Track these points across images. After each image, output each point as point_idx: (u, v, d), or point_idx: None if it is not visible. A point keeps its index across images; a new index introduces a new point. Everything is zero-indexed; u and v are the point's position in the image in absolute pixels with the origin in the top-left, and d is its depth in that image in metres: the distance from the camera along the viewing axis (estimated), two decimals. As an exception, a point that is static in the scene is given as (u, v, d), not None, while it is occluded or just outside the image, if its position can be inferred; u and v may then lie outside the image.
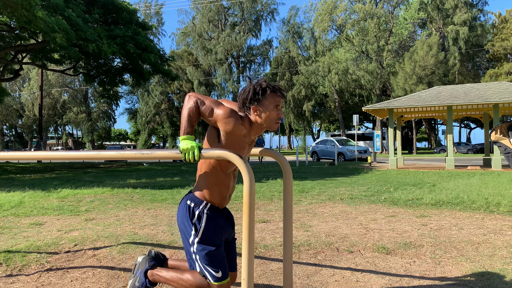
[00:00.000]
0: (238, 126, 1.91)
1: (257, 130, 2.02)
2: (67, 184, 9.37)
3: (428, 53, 33.32)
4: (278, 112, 1.99)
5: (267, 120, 1.98)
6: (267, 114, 1.97)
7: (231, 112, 1.89)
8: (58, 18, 12.89)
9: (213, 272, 1.94)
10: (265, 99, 1.98)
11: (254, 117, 1.99)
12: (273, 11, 49.20)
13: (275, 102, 1.98)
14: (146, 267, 2.26)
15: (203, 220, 1.97)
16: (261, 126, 2.00)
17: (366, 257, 3.22)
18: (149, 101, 47.75)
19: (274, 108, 1.98)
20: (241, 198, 6.56)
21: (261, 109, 1.97)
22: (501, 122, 6.09)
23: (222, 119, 1.88)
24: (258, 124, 1.99)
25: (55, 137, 69.20)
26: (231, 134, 1.92)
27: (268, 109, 1.97)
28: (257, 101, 1.97)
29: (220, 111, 1.89)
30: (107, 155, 2.10)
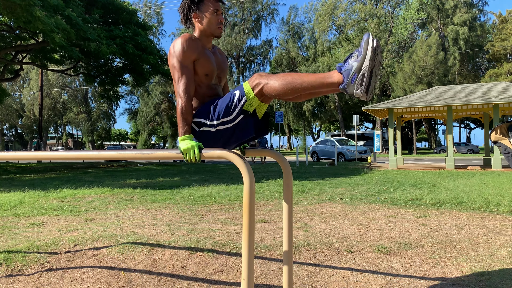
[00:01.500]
0: (192, 42, 1.96)
1: (205, 39, 2.07)
2: (67, 184, 9.37)
3: (428, 53, 33.32)
4: (218, 17, 2.04)
5: (208, 24, 2.03)
6: (207, 19, 2.03)
7: (178, 42, 1.94)
8: (57, 18, 12.90)
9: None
10: (203, 4, 2.04)
11: (196, 25, 2.06)
12: (273, 11, 49.23)
13: (214, 6, 2.04)
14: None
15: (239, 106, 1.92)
16: (205, 33, 2.06)
17: (366, 257, 3.22)
18: (149, 101, 47.76)
19: (214, 12, 2.03)
20: (241, 198, 6.57)
21: (201, 15, 2.03)
22: (501, 122, 6.08)
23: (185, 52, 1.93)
24: (202, 31, 2.05)
25: (55, 137, 69.22)
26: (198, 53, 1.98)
27: (207, 14, 2.02)
28: (197, 8, 2.04)
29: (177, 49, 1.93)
30: (107, 155, 2.10)
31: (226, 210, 5.47)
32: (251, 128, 1.94)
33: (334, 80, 1.78)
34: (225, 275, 2.85)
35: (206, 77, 2.04)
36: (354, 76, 1.74)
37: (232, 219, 4.76)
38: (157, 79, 43.08)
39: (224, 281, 2.74)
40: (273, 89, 1.82)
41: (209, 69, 2.04)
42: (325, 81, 1.78)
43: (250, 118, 1.94)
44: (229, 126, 1.93)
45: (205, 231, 4.05)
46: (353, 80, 1.75)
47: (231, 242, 3.60)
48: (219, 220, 4.70)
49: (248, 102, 1.88)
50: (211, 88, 2.08)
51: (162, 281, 2.74)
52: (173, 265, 3.04)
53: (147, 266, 3.03)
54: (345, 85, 1.76)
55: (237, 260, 3.13)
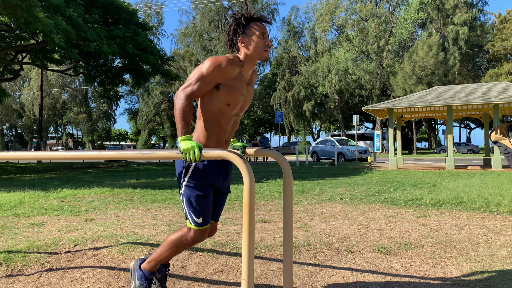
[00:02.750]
0: (231, 64, 1.91)
1: (249, 64, 2.01)
2: (67, 184, 9.37)
3: (428, 53, 33.32)
4: (265, 40, 1.98)
5: (255, 49, 1.96)
6: (254, 43, 1.96)
7: (215, 58, 1.90)
8: (57, 18, 12.90)
9: (194, 216, 1.97)
10: (248, 28, 1.97)
11: (242, 49, 1.98)
12: (273, 11, 49.21)
13: (260, 29, 1.97)
14: (138, 263, 2.29)
15: (193, 164, 1.97)
16: (252, 57, 1.99)
17: (366, 257, 3.22)
18: (149, 101, 47.77)
19: (260, 35, 1.97)
20: (241, 198, 6.56)
21: (247, 39, 1.96)
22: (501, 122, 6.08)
23: (215, 68, 1.88)
24: (248, 56, 1.98)
25: (55, 137, 69.23)
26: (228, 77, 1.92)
27: (254, 37, 1.96)
28: (242, 32, 1.97)
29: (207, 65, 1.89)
30: (107, 155, 2.10)
31: (226, 210, 5.48)
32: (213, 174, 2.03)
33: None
34: (225, 275, 2.85)
35: (228, 107, 1.98)
36: None
37: (232, 219, 4.76)
38: (157, 79, 43.10)
39: (224, 281, 2.74)
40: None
41: (234, 100, 1.98)
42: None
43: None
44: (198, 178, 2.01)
45: (205, 231, 4.04)
46: None
47: (231, 242, 3.60)
48: (219, 220, 4.70)
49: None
50: (228, 120, 2.02)
51: (162, 281, 2.74)
52: (173, 265, 3.04)
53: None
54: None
55: (237, 260, 3.13)
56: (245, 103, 2.09)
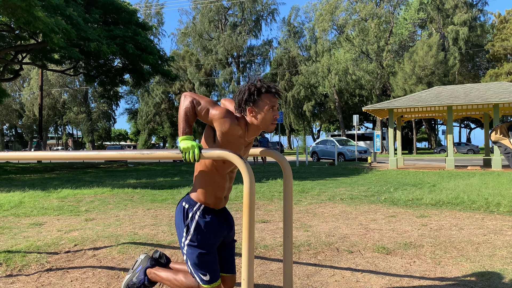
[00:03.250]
0: (233, 126, 1.89)
1: (253, 131, 2.00)
2: (67, 184, 9.37)
3: (428, 53, 33.33)
4: (274, 113, 1.96)
5: (263, 121, 1.95)
6: (262, 115, 1.94)
7: (226, 112, 1.87)
8: (57, 18, 12.90)
9: (201, 275, 1.94)
10: (260, 99, 1.94)
11: (250, 118, 1.96)
12: (273, 11, 49.24)
13: (271, 102, 1.95)
14: (147, 265, 2.28)
15: (194, 222, 1.96)
16: (258, 127, 1.97)
17: (366, 257, 3.22)
18: (149, 101, 47.77)
19: (270, 109, 1.94)
20: (241, 198, 6.56)
21: (257, 110, 1.94)
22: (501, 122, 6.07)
23: (218, 119, 1.87)
24: (254, 125, 1.97)
25: (55, 137, 69.22)
26: (226, 134, 1.90)
27: (264, 110, 1.93)
28: (253, 102, 1.94)
29: (215, 111, 1.87)
30: (107, 155, 2.10)
31: (226, 210, 5.47)
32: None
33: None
34: (225, 275, 2.84)
35: (223, 164, 1.95)
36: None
37: (232, 219, 4.76)
38: (157, 79, 43.08)
39: (224, 281, 2.73)
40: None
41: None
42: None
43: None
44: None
45: (205, 231, 4.04)
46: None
47: (231, 242, 3.60)
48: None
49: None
50: (223, 177, 2.00)
51: (162, 281, 2.74)
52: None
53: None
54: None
55: (237, 260, 3.13)
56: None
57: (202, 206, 1.99)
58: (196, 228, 1.96)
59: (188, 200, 2.02)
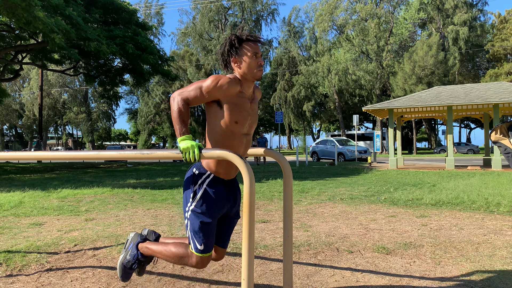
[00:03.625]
0: (231, 83, 1.93)
1: (246, 83, 2.03)
2: (67, 184, 9.37)
3: (428, 53, 33.33)
4: (258, 60, 2.00)
5: (248, 69, 1.99)
6: (247, 63, 1.98)
7: (217, 76, 1.93)
8: (57, 18, 12.89)
9: (197, 242, 1.97)
10: (241, 48, 2.00)
11: (236, 69, 2.02)
12: (273, 11, 49.26)
13: (253, 49, 1.99)
14: (138, 240, 2.30)
15: (202, 189, 1.98)
16: (246, 77, 2.01)
17: (366, 257, 3.22)
18: (149, 101, 47.77)
19: (253, 55, 1.99)
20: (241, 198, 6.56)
21: (240, 60, 1.99)
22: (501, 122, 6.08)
23: (215, 86, 1.90)
24: (242, 76, 2.01)
25: (55, 137, 69.22)
26: (229, 95, 1.93)
27: (247, 58, 1.98)
28: (235, 53, 2.00)
29: (208, 82, 1.91)
30: (107, 155, 2.10)
31: (226, 210, 5.47)
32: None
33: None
34: (225, 275, 2.85)
35: (236, 125, 1.97)
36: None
37: (232, 219, 4.76)
38: (157, 79, 43.08)
39: (224, 281, 2.74)
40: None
41: (240, 117, 1.98)
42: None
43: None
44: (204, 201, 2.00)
45: (205, 231, 4.04)
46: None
47: (231, 242, 3.60)
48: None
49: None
50: (239, 139, 2.01)
51: (162, 281, 2.74)
52: (173, 265, 3.04)
53: (147, 266, 3.03)
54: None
55: (237, 260, 3.13)
56: (252, 120, 2.08)
57: (212, 175, 2.00)
58: (203, 196, 1.97)
59: (199, 167, 2.03)
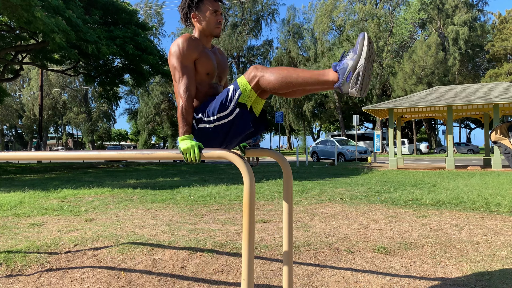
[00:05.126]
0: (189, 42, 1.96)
1: (204, 39, 2.07)
2: (67, 184, 9.37)
3: (428, 53, 33.33)
4: (217, 17, 2.04)
5: (207, 25, 2.03)
6: (206, 19, 2.02)
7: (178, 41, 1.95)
8: (57, 19, 12.89)
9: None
10: (202, 5, 2.03)
11: (195, 24, 2.06)
12: (274, 12, 49.26)
13: (213, 7, 2.03)
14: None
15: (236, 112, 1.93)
16: (204, 33, 2.06)
17: (366, 257, 3.22)
18: (149, 101, 47.77)
19: (213, 12, 2.02)
20: (241, 198, 6.56)
21: (200, 16, 2.03)
22: (501, 123, 6.08)
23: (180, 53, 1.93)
24: (201, 31, 2.05)
25: (55, 137, 69.21)
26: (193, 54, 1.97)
27: (207, 14, 2.02)
28: (196, 8, 2.03)
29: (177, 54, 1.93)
30: (107, 155, 2.10)
31: (226, 210, 5.47)
32: (248, 122, 1.91)
33: (329, 78, 1.78)
34: (225, 275, 2.85)
35: (207, 76, 2.04)
36: (350, 75, 1.74)
37: (232, 219, 4.76)
38: (157, 79, 43.09)
39: (224, 281, 2.74)
40: (268, 82, 1.82)
41: (210, 68, 2.04)
42: (320, 78, 1.79)
43: (247, 112, 1.91)
44: (226, 121, 1.92)
45: (205, 231, 4.05)
46: (348, 78, 1.74)
47: (231, 242, 3.60)
48: (219, 220, 4.70)
49: (243, 95, 1.89)
50: (212, 87, 2.08)
51: (162, 281, 2.74)
52: (173, 265, 3.04)
53: (147, 266, 3.03)
54: (340, 84, 1.76)
55: (237, 260, 3.13)
56: (220, 70, 2.15)
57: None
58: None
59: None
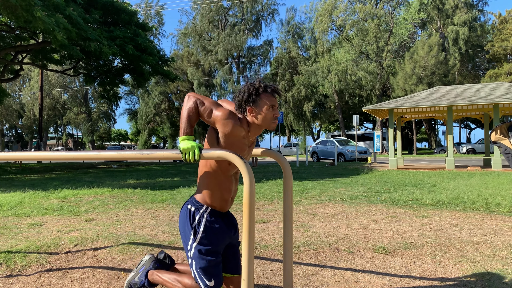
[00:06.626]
0: (236, 127, 1.89)
1: (255, 131, 2.01)
2: (67, 184, 9.37)
3: (428, 54, 33.34)
4: (274, 112, 1.97)
5: (263, 120, 1.96)
6: (263, 115, 1.95)
7: (229, 113, 1.88)
8: (58, 16, 12.87)
9: (206, 280, 1.92)
10: (259, 99, 1.96)
11: (250, 118, 1.97)
12: (273, 12, 49.23)
13: (271, 102, 1.96)
14: (149, 267, 2.27)
15: (202, 225, 1.95)
16: (259, 127, 1.99)
17: (366, 257, 3.22)
18: (149, 101, 47.76)
19: (270, 108, 1.96)
20: (241, 198, 6.56)
21: (257, 110, 1.96)
22: (501, 123, 6.08)
23: (220, 121, 1.87)
24: (256, 125, 1.98)
25: (55, 138, 69.20)
26: (230, 136, 1.90)
27: (264, 109, 1.95)
28: (252, 102, 1.96)
29: (218, 113, 1.87)
30: (107, 155, 2.10)
31: (226, 210, 5.47)
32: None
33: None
34: (225, 275, 2.84)
35: (229, 166, 1.97)
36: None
37: (232, 220, 4.75)
38: (156, 80, 43.08)
39: (224, 281, 2.73)
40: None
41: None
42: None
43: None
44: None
45: (205, 232, 4.04)
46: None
47: (231, 243, 3.59)
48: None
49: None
50: (229, 179, 2.00)
51: (162, 282, 2.74)
52: (173, 266, 3.04)
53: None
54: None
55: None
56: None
57: (209, 208, 1.98)
58: (204, 231, 1.94)
59: (194, 202, 2.00)
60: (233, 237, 2.09)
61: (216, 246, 1.95)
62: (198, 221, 1.96)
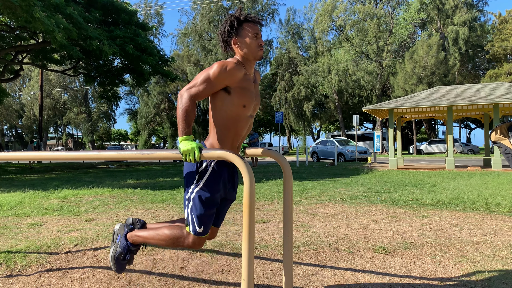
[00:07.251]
0: (237, 67, 1.94)
1: (247, 64, 2.05)
2: (67, 184, 9.37)
3: (428, 54, 33.34)
4: (258, 40, 2.01)
5: (249, 49, 2.00)
6: (248, 43, 1.99)
7: (223, 62, 1.93)
8: (58, 17, 12.87)
9: (196, 225, 1.97)
10: (242, 29, 2.00)
11: (237, 50, 2.02)
12: (273, 12, 49.22)
13: (253, 30, 2.00)
14: (125, 231, 2.27)
15: (208, 172, 1.98)
16: (247, 58, 2.03)
17: (366, 257, 3.22)
18: (149, 101, 47.75)
19: (254, 36, 2.00)
20: (241, 198, 6.56)
21: (241, 41, 2.00)
22: (501, 123, 6.08)
23: (222, 72, 1.91)
24: (243, 56, 2.02)
25: (55, 138, 69.20)
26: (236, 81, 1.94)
27: (247, 39, 1.99)
28: (235, 33, 2.00)
29: (214, 69, 1.91)
30: (107, 155, 2.10)
31: (226, 210, 5.47)
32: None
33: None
34: (225, 275, 2.85)
35: (243, 108, 2.00)
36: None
37: (232, 219, 4.76)
38: (156, 80, 43.07)
39: (224, 281, 2.74)
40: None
41: (248, 100, 2.01)
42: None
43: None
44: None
45: (205, 232, 4.04)
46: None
47: (231, 242, 3.60)
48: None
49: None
50: (245, 122, 2.05)
51: (162, 281, 2.74)
52: (173, 266, 3.04)
53: (147, 267, 3.03)
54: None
55: (237, 260, 3.13)
56: (257, 101, 2.12)
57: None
58: (209, 178, 1.97)
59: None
60: (231, 192, 2.13)
61: (215, 195, 1.99)
62: (205, 168, 1.98)
